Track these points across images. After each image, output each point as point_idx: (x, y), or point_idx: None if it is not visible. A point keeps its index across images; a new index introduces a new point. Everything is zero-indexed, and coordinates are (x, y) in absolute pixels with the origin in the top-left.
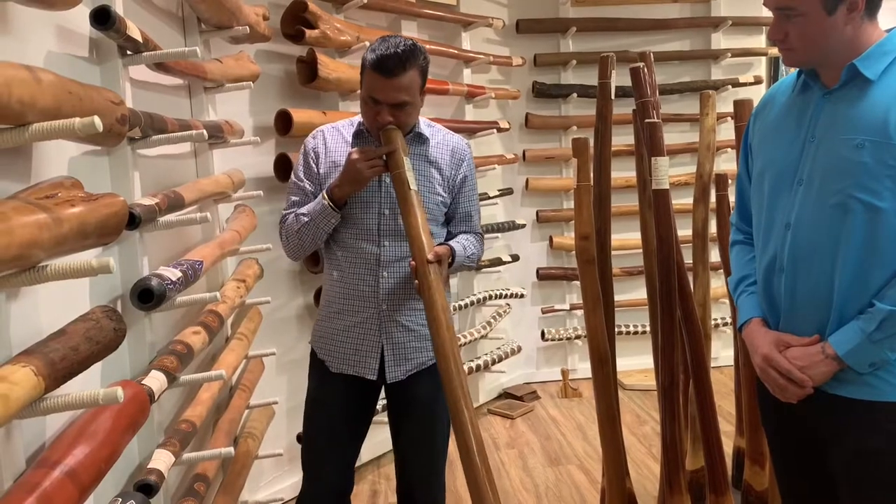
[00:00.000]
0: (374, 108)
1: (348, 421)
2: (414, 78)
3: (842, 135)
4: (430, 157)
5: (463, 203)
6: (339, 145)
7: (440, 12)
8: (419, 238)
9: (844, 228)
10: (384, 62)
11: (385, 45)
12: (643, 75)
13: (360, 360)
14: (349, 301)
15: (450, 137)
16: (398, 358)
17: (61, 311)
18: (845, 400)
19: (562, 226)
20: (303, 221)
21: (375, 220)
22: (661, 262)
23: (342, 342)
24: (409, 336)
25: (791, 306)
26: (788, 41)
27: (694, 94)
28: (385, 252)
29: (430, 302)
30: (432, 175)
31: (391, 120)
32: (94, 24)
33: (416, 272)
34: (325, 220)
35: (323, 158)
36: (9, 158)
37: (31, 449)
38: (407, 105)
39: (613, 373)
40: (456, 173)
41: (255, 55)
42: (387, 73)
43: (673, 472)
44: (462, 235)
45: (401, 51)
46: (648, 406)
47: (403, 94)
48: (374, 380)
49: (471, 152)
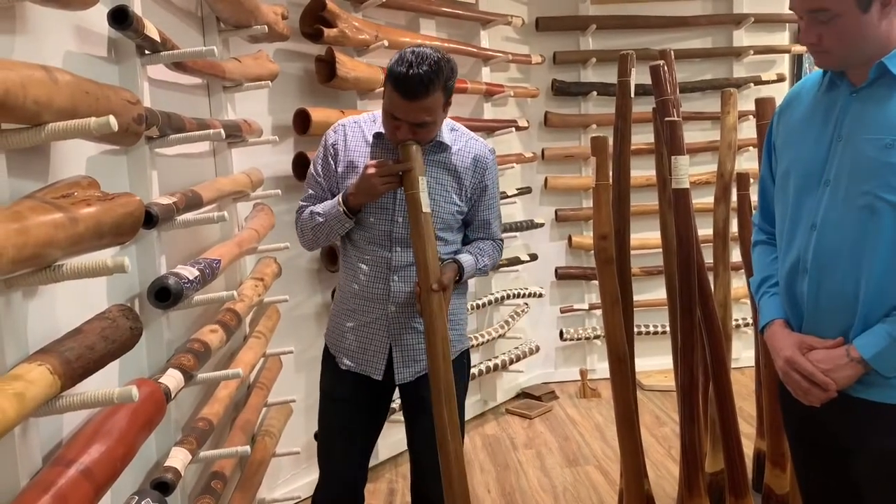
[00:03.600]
0: (394, 123)
1: (359, 414)
2: (437, 99)
3: (869, 134)
4: (449, 165)
5: (482, 211)
6: (359, 144)
7: (459, 10)
8: (425, 264)
9: (872, 230)
10: (406, 84)
11: (410, 60)
12: (663, 73)
13: (368, 360)
14: (360, 301)
15: (473, 144)
16: (406, 360)
17: (79, 309)
18: (870, 404)
19: (581, 225)
20: (317, 221)
21: (388, 227)
22: (681, 261)
23: (351, 340)
24: (418, 338)
25: (815, 308)
26: (823, 44)
27: (715, 92)
28: (396, 257)
29: (430, 329)
30: (449, 184)
31: (410, 137)
32: (112, 23)
33: (419, 298)
34: (339, 224)
35: (342, 156)
36: (26, 158)
37: (48, 447)
38: (428, 125)
39: (632, 373)
40: (477, 182)
41: (273, 54)
42: (409, 97)
43: (692, 475)
44: (478, 242)
45: (423, 71)
46: (668, 407)
47: (424, 114)
48: (380, 380)
49: (494, 159)
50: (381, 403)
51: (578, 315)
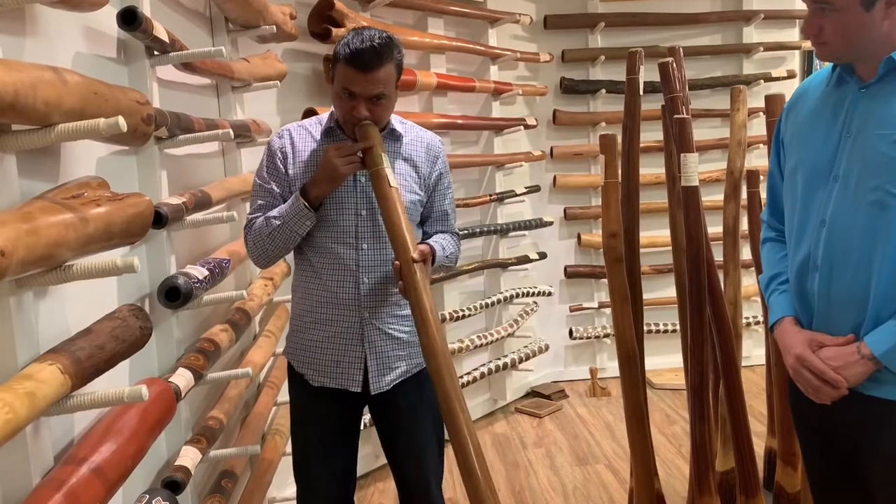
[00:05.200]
0: (350, 102)
1: (337, 434)
2: (390, 71)
3: (879, 130)
4: (404, 154)
5: (439, 201)
6: (308, 144)
7: (467, 9)
8: (402, 236)
9: (882, 226)
10: (359, 56)
11: (360, 38)
12: (672, 70)
13: (343, 373)
14: (327, 309)
15: (423, 134)
16: (382, 368)
17: (89, 309)
18: (881, 401)
19: (590, 223)
20: (274, 225)
21: (352, 222)
22: (690, 259)
23: (322, 354)
24: (393, 344)
25: (825, 305)
26: (823, 35)
27: (725, 90)
28: (364, 256)
29: (416, 302)
30: (408, 173)
31: (367, 115)
32: (122, 24)
33: (401, 272)
34: (300, 221)
35: (291, 159)
36: (37, 159)
37: (60, 446)
38: (384, 98)
39: (642, 371)
40: (431, 171)
41: (282, 54)
42: (363, 68)
43: (703, 473)
44: (439, 235)
45: (377, 44)
46: (678, 405)
47: (381, 86)
48: (358, 392)
49: (444, 149)
50: (356, 418)
51: (588, 313)
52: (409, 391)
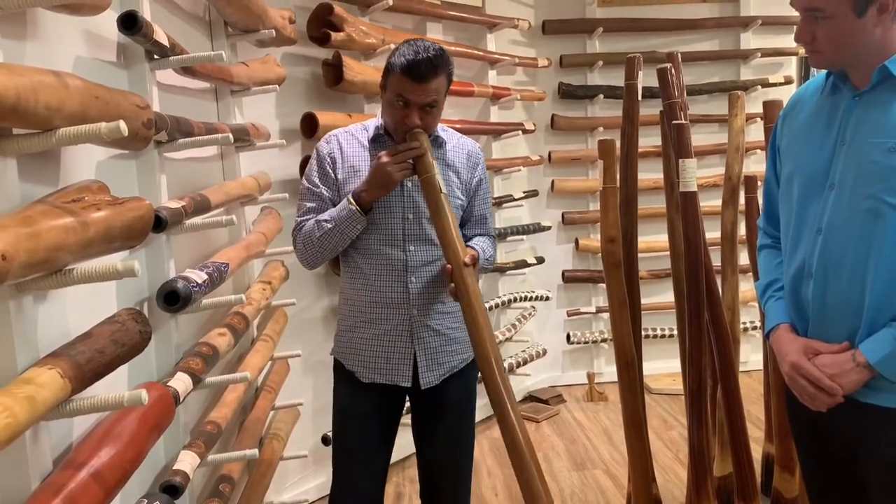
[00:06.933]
0: (404, 111)
1: (381, 430)
2: (443, 82)
3: (873, 138)
4: (447, 160)
5: (479, 206)
6: (357, 150)
7: (465, 14)
8: (453, 242)
9: (877, 234)
10: (416, 67)
11: (414, 49)
12: (670, 76)
13: (393, 369)
14: (377, 309)
15: (464, 141)
16: (431, 363)
17: (89, 313)
18: (877, 408)
19: (588, 228)
20: (325, 228)
21: (400, 225)
22: (688, 264)
23: (373, 351)
24: (441, 340)
25: (820, 313)
26: (816, 43)
27: (723, 95)
28: (411, 257)
29: (468, 305)
30: (451, 179)
31: (419, 123)
32: (122, 28)
33: (453, 276)
34: (351, 225)
35: (340, 163)
36: (37, 162)
37: (59, 450)
38: (436, 106)
39: (640, 376)
40: (472, 176)
41: (281, 58)
42: (419, 78)
43: (700, 478)
44: (478, 238)
45: (432, 55)
46: (676, 410)
47: (434, 95)
48: (408, 387)
49: (483, 155)
50: (398, 414)
51: (585, 318)
52: (455, 386)
